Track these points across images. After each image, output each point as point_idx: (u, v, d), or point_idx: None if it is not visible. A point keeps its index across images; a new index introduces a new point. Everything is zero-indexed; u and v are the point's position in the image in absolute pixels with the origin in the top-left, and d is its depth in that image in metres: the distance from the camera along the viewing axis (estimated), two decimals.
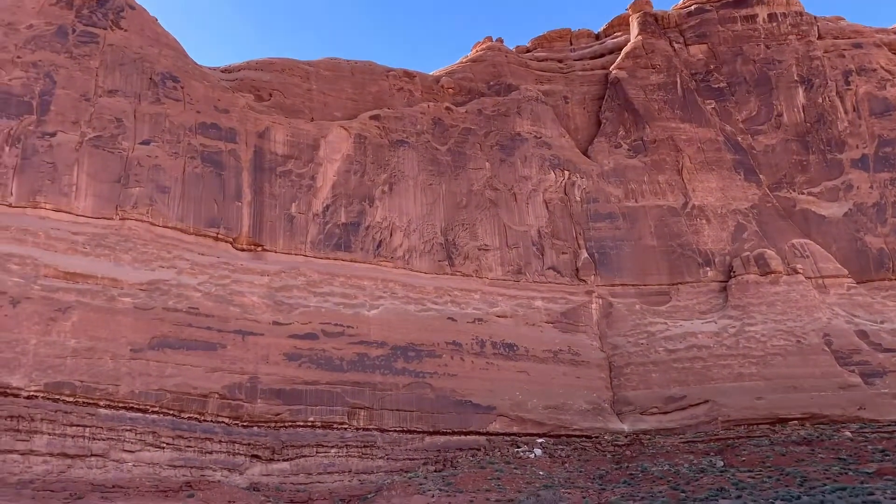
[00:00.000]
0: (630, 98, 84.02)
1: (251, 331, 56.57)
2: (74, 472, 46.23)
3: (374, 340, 61.35)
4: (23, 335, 47.83)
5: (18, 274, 49.69)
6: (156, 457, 49.50)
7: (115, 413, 49.27)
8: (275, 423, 55.48)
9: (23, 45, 59.34)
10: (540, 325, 69.89)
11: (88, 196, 56.73)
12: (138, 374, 50.46)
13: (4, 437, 44.83)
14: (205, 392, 52.61)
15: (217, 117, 65.12)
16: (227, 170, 63.78)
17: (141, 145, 60.15)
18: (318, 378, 57.54)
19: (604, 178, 79.98)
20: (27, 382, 46.70)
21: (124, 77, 61.94)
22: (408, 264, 69.11)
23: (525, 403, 64.03)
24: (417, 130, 75.86)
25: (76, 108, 58.85)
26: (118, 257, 54.71)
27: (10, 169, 54.87)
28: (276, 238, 64.34)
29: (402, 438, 59.58)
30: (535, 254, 74.48)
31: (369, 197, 70.03)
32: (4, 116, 56.07)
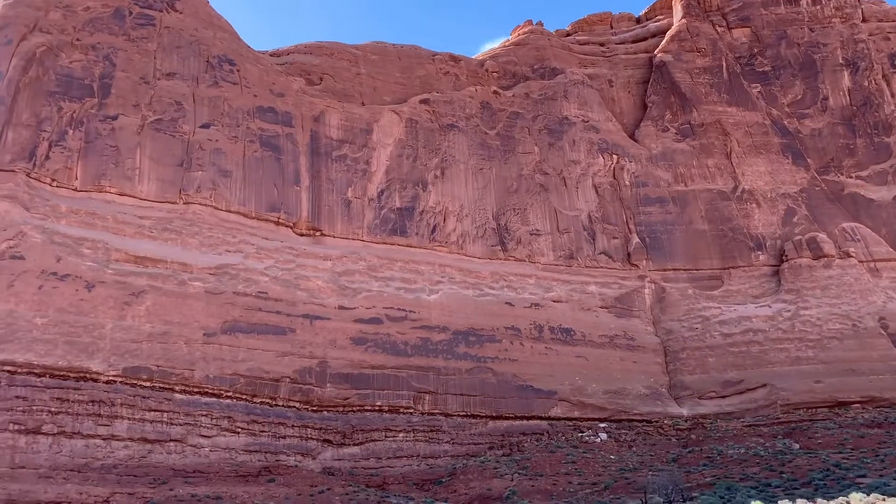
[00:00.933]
0: (676, 81, 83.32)
1: (318, 315, 56.11)
2: (154, 456, 45.89)
3: (435, 325, 60.92)
4: (99, 319, 47.36)
5: (91, 258, 49.18)
6: (231, 442, 49.15)
7: (190, 398, 48.86)
8: (343, 408, 55.13)
9: (81, 28, 58.63)
10: (595, 310, 69.47)
11: (152, 180, 56.16)
12: (212, 359, 50.03)
13: (87, 422, 44.47)
14: (276, 376, 52.20)
15: (273, 101, 64.47)
16: (286, 154, 63.19)
17: (201, 129, 59.55)
18: (384, 362, 57.13)
19: (652, 162, 79.39)
20: (106, 367, 46.25)
21: (181, 60, 61.27)
22: (462, 249, 68.65)
23: (585, 388, 63.68)
24: (466, 114, 75.23)
25: (136, 91, 58.20)
26: (185, 241, 54.21)
27: (75, 152, 54.27)
28: (335, 223, 63.82)
29: (466, 423, 59.24)
30: (586, 238, 73.97)
31: (422, 181, 69.48)
32: (67, 99, 55.40)
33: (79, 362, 45.52)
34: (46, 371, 44.59)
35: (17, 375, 43.66)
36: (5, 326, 44.19)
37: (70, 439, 43.87)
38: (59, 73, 56.04)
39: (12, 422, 42.50)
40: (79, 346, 45.90)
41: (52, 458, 42.69)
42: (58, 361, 44.89)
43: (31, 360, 44.16)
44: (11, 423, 42.43)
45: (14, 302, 45.20)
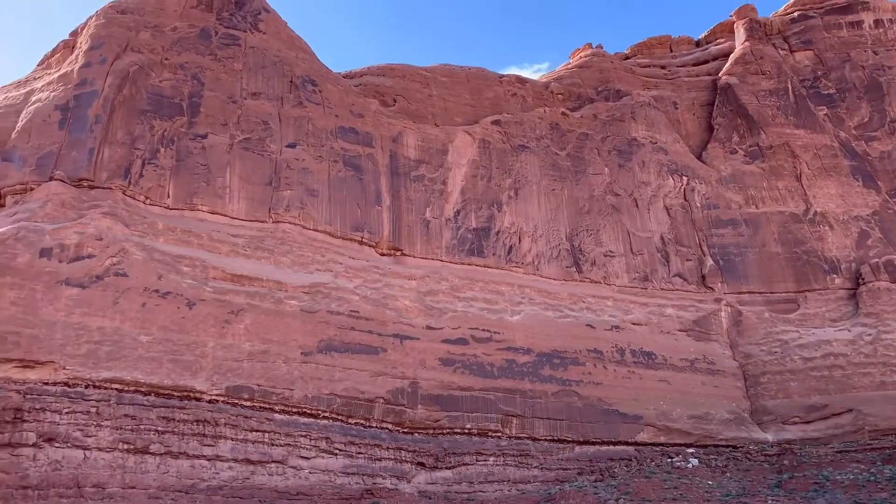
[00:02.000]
0: (743, 104, 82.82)
1: (408, 335, 55.35)
2: (257, 478, 45.03)
3: (520, 347, 60.00)
4: (201, 337, 46.83)
5: (190, 276, 48.78)
6: (330, 463, 48.24)
7: (289, 418, 48.09)
8: (433, 430, 54.13)
9: (169, 48, 58.89)
10: (674, 333, 68.36)
11: (242, 199, 55.93)
12: (310, 378, 49.30)
13: (192, 442, 43.74)
14: (371, 397, 51.36)
15: (354, 122, 64.39)
16: (367, 174, 62.94)
17: (287, 148, 59.42)
18: (472, 384, 56.19)
19: (722, 184, 78.66)
20: (209, 386, 45.61)
21: (266, 80, 61.37)
22: (537, 270, 67.90)
23: (670, 413, 62.38)
24: (537, 135, 74.94)
25: (224, 110, 58.24)
26: (277, 260, 53.79)
27: (167, 170, 54.18)
28: (414, 243, 63.31)
29: (554, 448, 58.03)
30: (660, 260, 73.09)
31: (497, 202, 69.00)
32: (158, 118, 55.45)
33: (183, 381, 44.92)
34: (152, 390, 43.99)
35: (124, 394, 43.09)
36: (112, 344, 43.72)
37: (176, 459, 43.14)
38: (151, 91, 56.19)
39: (121, 441, 41.87)
40: (182, 364, 45.33)
41: (160, 478, 41.94)
42: (163, 380, 44.31)
43: (137, 379, 43.61)
44: (121, 443, 41.81)
45: (119, 319, 44.76)
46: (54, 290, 43.62)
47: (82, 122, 52.29)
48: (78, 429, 40.82)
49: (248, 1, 64.12)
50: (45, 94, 55.22)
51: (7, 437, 39.11)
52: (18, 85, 59.56)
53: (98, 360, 42.81)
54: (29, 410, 39.90)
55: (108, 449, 41.22)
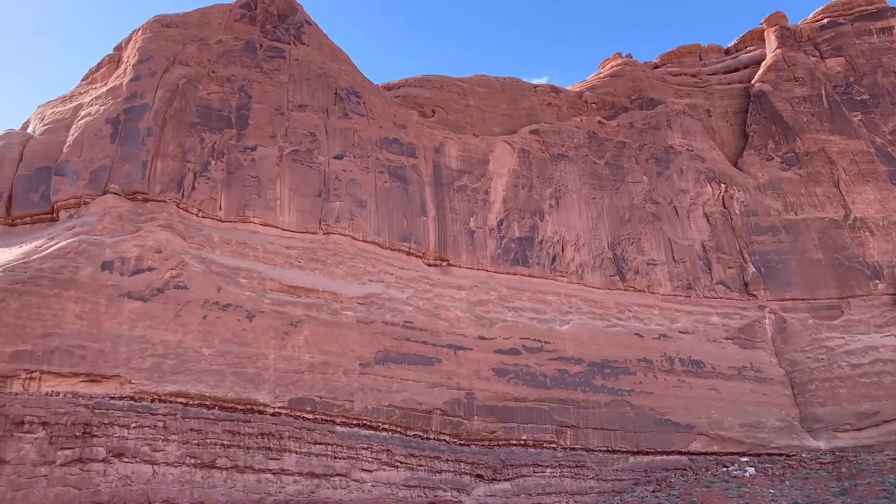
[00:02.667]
0: (778, 111, 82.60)
1: (461, 345, 54.83)
2: (322, 492, 44.40)
3: (570, 356, 59.40)
4: (262, 349, 46.37)
5: (248, 288, 48.39)
6: (392, 476, 47.58)
7: (350, 430, 47.51)
8: (489, 442, 53.46)
9: (215, 60, 58.85)
10: (720, 341, 67.70)
11: (292, 210, 55.65)
12: (369, 390, 48.77)
13: (258, 456, 43.17)
14: (429, 408, 50.77)
15: (397, 132, 64.23)
16: (412, 185, 62.67)
17: (335, 160, 59.20)
18: (526, 395, 55.57)
19: (760, 191, 78.26)
20: (272, 399, 45.09)
21: (311, 92, 61.27)
22: (581, 279, 67.41)
23: (721, 422, 61.63)
24: (575, 144, 74.72)
25: (272, 122, 58.10)
26: (331, 271, 53.42)
27: (219, 183, 53.96)
28: (460, 253, 62.93)
29: (608, 458, 57.26)
30: (702, 268, 72.58)
31: (539, 211, 68.66)
32: (207, 130, 55.31)
33: (246, 394, 44.43)
34: (216, 403, 43.50)
35: (189, 408, 42.58)
36: (175, 357, 43.28)
37: (242, 474, 42.56)
38: (199, 104, 56.07)
39: (189, 455, 41.32)
40: (245, 377, 44.85)
41: (228, 493, 41.36)
42: (227, 393, 43.81)
43: (202, 392, 43.13)
44: (188, 457, 41.25)
45: (182, 332, 44.35)
46: (117, 304, 43.26)
47: (134, 136, 52.14)
48: (146, 443, 40.30)
49: (290, 13, 64.18)
50: (94, 108, 55.13)
51: (77, 453, 38.64)
52: (65, 100, 59.53)
53: (163, 373, 42.36)
54: (98, 425, 39.42)
55: (177, 464, 40.66)
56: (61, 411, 38.83)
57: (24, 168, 53.55)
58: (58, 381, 39.93)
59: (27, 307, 40.51)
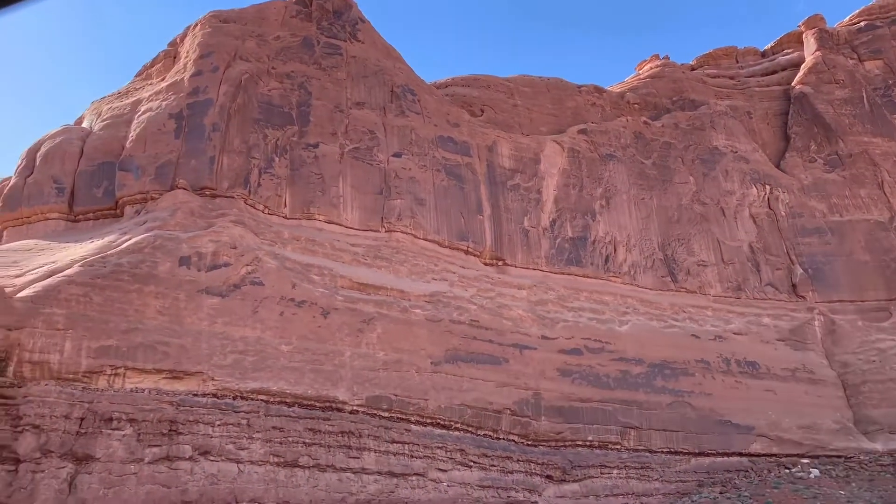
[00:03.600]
0: (819, 112, 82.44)
1: (526, 345, 54.23)
2: (401, 492, 43.67)
3: (631, 357, 58.84)
4: (337, 346, 45.69)
5: (321, 284, 47.74)
6: (466, 476, 46.89)
7: (424, 430, 46.83)
8: (556, 442, 52.82)
9: (274, 57, 58.31)
10: (773, 342, 67.24)
11: (355, 208, 55.06)
12: (441, 388, 48.11)
13: (339, 454, 42.44)
14: (499, 408, 50.13)
15: (451, 131, 63.74)
16: (467, 183, 62.16)
17: (394, 157, 58.66)
18: (590, 395, 54.98)
19: (805, 193, 78.00)
20: (350, 396, 44.39)
21: (368, 89, 60.75)
22: (634, 280, 66.95)
23: (780, 423, 61.12)
24: (622, 144, 74.36)
25: (332, 119, 57.54)
26: (396, 269, 52.79)
27: (283, 180, 53.35)
28: (515, 252, 62.39)
29: (671, 460, 56.67)
30: (751, 269, 72.18)
31: (590, 211, 68.21)
32: (270, 126, 54.71)
33: (325, 391, 43.73)
34: (296, 400, 42.80)
35: (271, 405, 41.85)
36: (255, 354, 42.58)
37: (324, 473, 41.82)
38: (261, 100, 55.50)
39: (272, 454, 40.59)
40: (323, 374, 44.16)
41: (311, 492, 40.62)
42: (307, 390, 43.12)
43: (283, 389, 42.43)
44: (272, 456, 40.51)
45: (260, 329, 43.65)
46: (196, 300, 42.55)
47: (199, 131, 51.49)
48: (230, 441, 39.56)
49: (345, 10, 63.71)
50: (155, 103, 54.48)
51: (164, 450, 37.87)
52: (120, 95, 58.88)
53: (244, 370, 41.64)
54: (183, 423, 38.67)
55: (261, 462, 39.93)
56: (147, 408, 38.07)
57: (86, 163, 52.88)
58: (141, 378, 39.18)
59: (109, 302, 39.78)
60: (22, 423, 35.14)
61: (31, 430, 35.18)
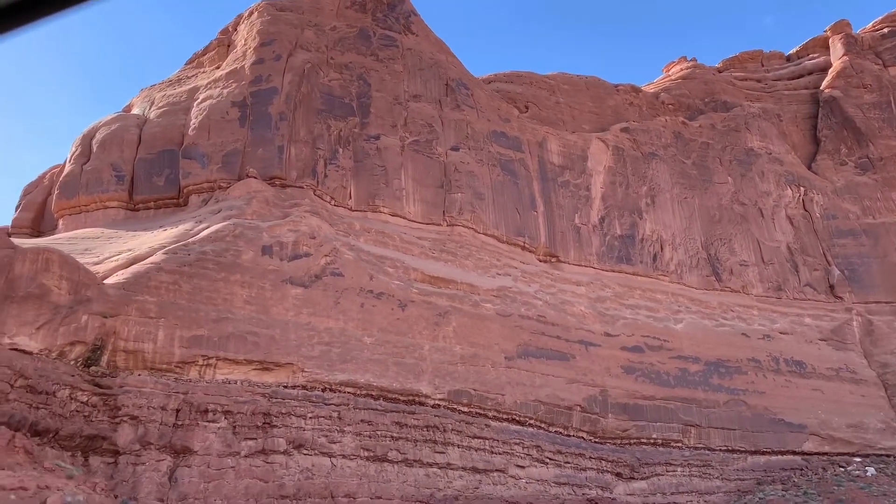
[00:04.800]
0: (850, 116, 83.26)
1: (591, 342, 53.79)
2: (485, 487, 42.91)
3: (688, 355, 58.68)
4: (416, 340, 44.83)
5: (396, 277, 46.88)
6: (543, 473, 46.26)
7: (501, 425, 46.10)
8: (621, 440, 52.38)
9: (332, 47, 57.36)
10: (816, 342, 67.54)
11: (417, 201, 54.25)
12: (516, 384, 47.45)
13: (424, 449, 41.58)
14: (570, 404, 49.58)
15: (503, 126, 63.21)
16: (521, 179, 61.64)
17: (452, 151, 57.96)
18: (653, 393, 54.66)
19: (838, 195, 78.65)
20: (433, 390, 43.55)
21: (423, 82, 60.01)
22: (681, 279, 66.87)
23: (829, 422, 61.32)
24: (663, 143, 74.39)
25: (391, 111, 56.70)
26: (461, 263, 52.08)
27: (347, 171, 52.41)
28: (568, 249, 61.98)
29: (729, 458, 56.51)
30: (790, 270, 72.53)
31: (637, 209, 68.06)
32: (332, 117, 53.74)
33: (409, 384, 42.85)
34: (382, 393, 41.86)
35: (359, 398, 40.87)
36: (340, 346, 41.57)
37: (411, 468, 40.94)
38: (322, 91, 54.51)
39: (362, 448, 39.63)
40: (405, 367, 43.27)
41: (402, 487, 39.70)
42: (392, 383, 42.20)
43: (370, 382, 41.49)
44: (362, 450, 39.56)
45: (343, 320, 42.66)
46: (281, 289, 41.46)
47: (265, 120, 50.40)
48: (322, 435, 38.53)
49: (398, 3, 62.92)
50: (214, 91, 53.23)
51: (260, 444, 36.74)
52: (172, 83, 57.49)
53: (332, 362, 40.64)
54: (276, 415, 37.57)
55: (352, 456, 38.96)
56: (241, 400, 36.93)
57: (145, 151, 51.47)
58: (231, 369, 38.00)
59: (197, 290, 38.57)
60: (120, 413, 33.83)
61: (129, 422, 33.88)
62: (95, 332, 34.44)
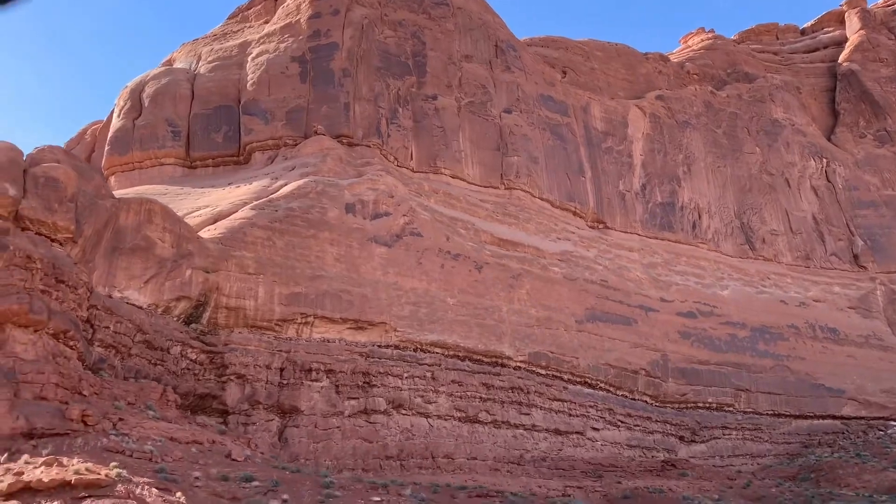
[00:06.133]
0: (868, 89, 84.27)
1: (649, 307, 53.78)
2: (566, 450, 42.72)
3: (736, 321, 59.15)
4: (494, 302, 44.19)
5: (469, 238, 46.09)
6: (615, 436, 46.29)
7: (576, 388, 45.88)
8: (680, 404, 52.66)
9: (385, 4, 55.71)
10: (846, 310, 68.71)
11: (475, 163, 53.23)
12: (588, 347, 47.21)
13: (511, 411, 41.17)
14: (635, 368, 49.58)
15: (549, 90, 62.36)
16: (569, 144, 60.99)
17: (505, 114, 56.95)
18: (707, 358, 55.00)
19: (859, 167, 79.74)
20: (514, 352, 43.07)
21: (474, 43, 58.72)
22: (718, 247, 67.21)
23: (865, 387, 62.59)
24: (695, 112, 74.36)
25: (446, 71, 55.41)
26: (524, 227, 51.43)
27: (409, 131, 51.12)
28: (614, 215, 61.67)
29: (775, 422, 57.35)
30: (816, 239, 73.46)
31: (675, 177, 68.05)
32: (390, 75, 52.27)
33: (492, 346, 42.32)
34: (468, 354, 41.22)
35: (448, 358, 40.17)
36: (426, 306, 40.73)
37: (499, 429, 40.56)
38: (379, 48, 52.93)
39: (455, 408, 39.01)
40: (487, 329, 42.65)
41: (493, 449, 39.32)
42: (476, 344, 41.61)
43: (457, 342, 40.83)
44: (455, 410, 38.94)
45: (426, 280, 41.79)
46: (367, 248, 40.37)
47: (328, 76, 48.80)
48: (418, 395, 37.82)
49: None
50: (269, 45, 51.27)
51: (362, 403, 35.90)
52: (218, 37, 55.27)
53: (421, 322, 39.82)
54: (375, 374, 36.69)
55: (447, 417, 38.39)
56: (342, 359, 35.96)
57: (200, 107, 49.47)
58: (327, 327, 36.92)
59: (290, 247, 37.26)
60: (227, 372, 32.63)
61: (236, 381, 32.72)
62: (199, 287, 33.04)
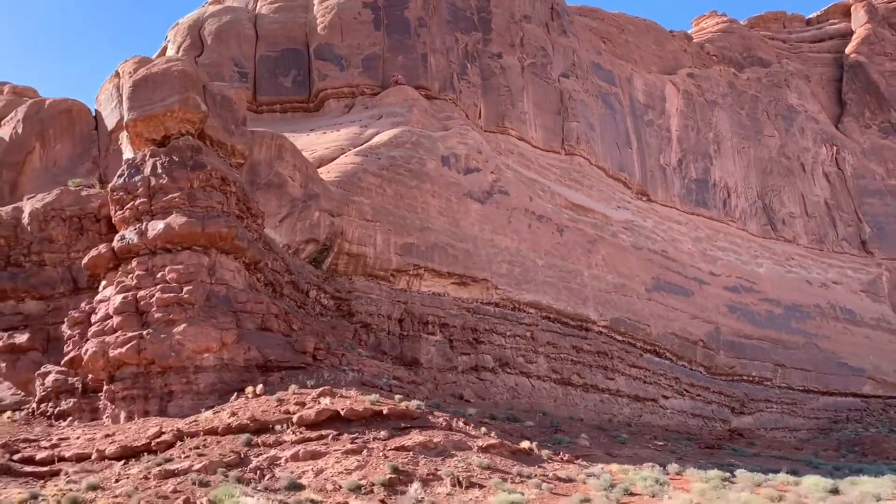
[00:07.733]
0: (874, 81, 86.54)
1: (702, 279, 54.15)
2: (645, 416, 42.65)
3: (772, 298, 60.18)
4: (576, 265, 43.61)
5: (547, 200, 45.26)
6: (682, 405, 46.64)
7: (647, 356, 45.80)
8: (728, 376, 53.32)
9: None
10: (859, 293, 70.79)
11: (538, 126, 52.18)
12: (657, 316, 47.20)
13: (598, 375, 40.75)
14: (694, 339, 49.92)
15: (598, 58, 61.76)
16: (617, 114, 60.60)
17: (563, 78, 56.03)
18: (750, 332, 55.83)
19: (865, 156, 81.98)
20: (598, 317, 42.66)
21: (531, 3, 57.43)
22: (745, 226, 68.12)
23: (881, 367, 64.78)
24: (721, 93, 74.92)
25: (509, 30, 54.04)
26: (588, 193, 50.92)
27: (478, 88, 49.66)
28: (657, 188, 61.66)
29: (805, 398, 58.79)
30: (828, 224, 75.32)
31: (707, 155, 68.53)
32: (458, 30, 50.66)
33: (579, 309, 41.82)
34: (558, 316, 40.55)
35: (542, 319, 39.39)
36: (519, 265, 39.85)
37: (588, 392, 40.09)
38: (448, 0, 51.14)
39: (551, 370, 38.33)
40: (573, 292, 42.08)
41: (586, 413, 38.84)
42: (566, 307, 41.02)
43: (550, 304, 40.08)
44: (552, 371, 38.27)
45: (516, 240, 40.85)
46: (464, 203, 39.16)
47: (402, 25, 46.90)
48: (520, 355, 37.09)
49: None
50: None
51: (473, 360, 34.96)
52: None
53: (517, 281, 38.96)
54: (482, 331, 35.70)
55: (545, 378, 37.76)
56: (453, 313, 34.84)
57: (266, 48, 46.84)
58: (435, 281, 35.69)
59: (399, 197, 35.79)
60: (353, 321, 31.09)
61: (362, 330, 31.19)
62: (326, 230, 31.38)
